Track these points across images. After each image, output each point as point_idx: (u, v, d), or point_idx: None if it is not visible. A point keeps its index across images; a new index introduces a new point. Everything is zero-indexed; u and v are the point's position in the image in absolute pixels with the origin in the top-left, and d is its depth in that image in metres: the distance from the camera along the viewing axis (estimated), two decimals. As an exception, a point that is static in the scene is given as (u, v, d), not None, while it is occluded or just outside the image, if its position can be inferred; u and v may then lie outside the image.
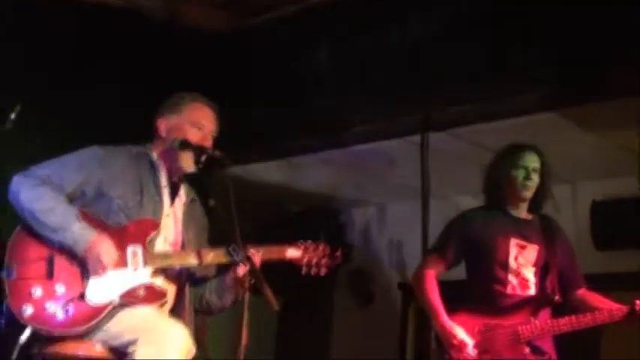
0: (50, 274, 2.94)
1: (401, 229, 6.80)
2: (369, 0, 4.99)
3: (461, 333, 3.62)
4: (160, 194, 3.17)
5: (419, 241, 6.51)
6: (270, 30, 5.43)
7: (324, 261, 3.20)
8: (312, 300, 6.71)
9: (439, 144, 5.06)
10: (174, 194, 3.24)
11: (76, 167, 3.07)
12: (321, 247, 3.21)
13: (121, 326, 2.93)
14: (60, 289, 2.92)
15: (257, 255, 3.06)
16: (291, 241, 3.21)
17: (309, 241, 3.21)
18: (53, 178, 3.00)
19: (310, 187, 6.56)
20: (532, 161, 3.78)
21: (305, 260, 3.19)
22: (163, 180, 3.20)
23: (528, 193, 3.78)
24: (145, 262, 3.03)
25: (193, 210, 3.32)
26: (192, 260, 3.08)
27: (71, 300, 2.91)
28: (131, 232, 3.06)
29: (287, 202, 6.90)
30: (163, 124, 3.24)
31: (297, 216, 6.84)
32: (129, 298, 2.98)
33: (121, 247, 3.02)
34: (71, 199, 3.03)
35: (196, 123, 3.21)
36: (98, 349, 2.98)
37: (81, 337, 2.96)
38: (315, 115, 5.30)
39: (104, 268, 2.93)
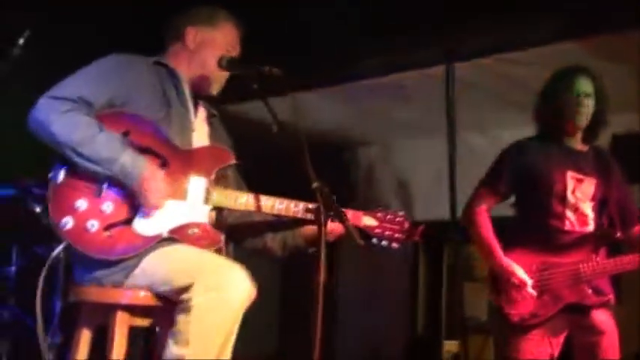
0: (99, 193, 2.61)
1: (406, 168, 6.57)
2: None
3: (520, 271, 3.38)
4: (185, 106, 2.84)
5: (426, 179, 6.37)
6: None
7: (398, 235, 2.84)
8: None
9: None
10: (195, 108, 2.91)
11: (102, 78, 2.70)
12: (398, 220, 2.85)
13: (171, 267, 2.59)
14: (107, 208, 2.60)
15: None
16: (369, 210, 2.86)
17: (389, 211, 2.86)
18: (85, 95, 2.62)
19: (313, 124, 6.24)
20: (585, 86, 3.49)
21: (378, 231, 2.83)
22: (186, 91, 2.86)
23: (583, 121, 3.50)
24: (206, 199, 2.71)
25: (217, 126, 3.01)
26: (249, 206, 2.75)
27: (117, 223, 2.59)
28: (198, 159, 2.74)
29: (288, 140, 6.55)
30: (193, 34, 2.90)
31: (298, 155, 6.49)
32: (180, 235, 2.66)
33: (183, 174, 2.70)
34: None
35: (230, 44, 2.92)
36: (142, 295, 2.64)
37: (121, 281, 2.63)
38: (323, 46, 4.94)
39: (155, 207, 2.61)
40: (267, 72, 2.68)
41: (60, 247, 2.62)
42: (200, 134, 2.88)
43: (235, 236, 2.92)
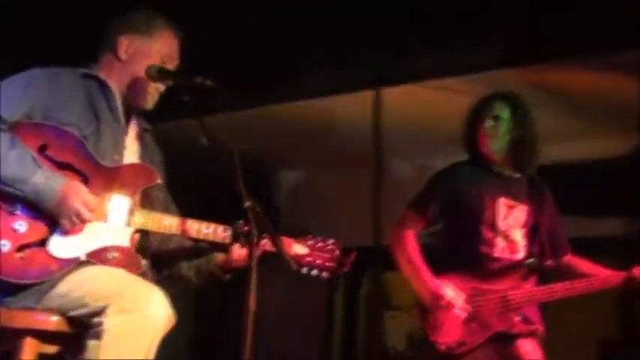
0: (13, 210, 2.39)
1: (330, 193, 6.48)
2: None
3: (449, 291, 3.30)
4: (117, 121, 2.64)
5: (348, 205, 6.28)
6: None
7: (329, 264, 2.70)
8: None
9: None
10: (127, 123, 2.71)
11: (18, 94, 2.50)
12: (329, 247, 2.71)
13: (87, 290, 2.39)
14: (20, 227, 2.38)
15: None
16: (299, 236, 2.72)
17: (320, 239, 2.72)
18: None
19: (238, 144, 6.10)
20: (499, 110, 3.45)
21: (309, 259, 2.68)
22: (119, 105, 2.66)
23: (496, 145, 3.44)
24: (129, 221, 2.52)
25: (148, 142, 2.80)
26: (173, 229, 2.58)
27: (31, 244, 2.38)
28: (122, 177, 2.54)
29: (210, 163, 6.39)
30: (126, 45, 2.68)
31: (219, 179, 6.31)
32: (99, 259, 2.46)
33: (105, 193, 2.50)
34: None
35: (167, 56, 2.70)
36: (54, 320, 2.43)
37: (32, 305, 2.41)
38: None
39: (75, 231, 2.42)
40: (200, 83, 2.52)
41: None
42: (131, 151, 2.69)
43: (153, 262, 2.73)
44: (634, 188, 4.72)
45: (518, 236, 3.43)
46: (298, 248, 2.68)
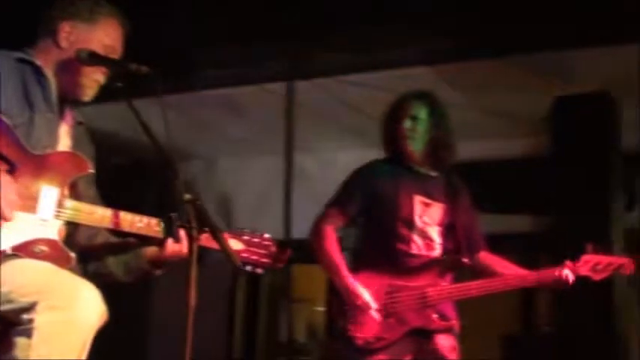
0: None
1: (230, 185, 6.42)
2: None
3: (365, 294, 3.33)
4: (52, 111, 2.49)
5: (250, 198, 6.24)
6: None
7: (264, 260, 2.64)
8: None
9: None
10: (61, 113, 2.57)
11: None
12: (265, 243, 2.65)
13: (10, 286, 2.25)
14: None
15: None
16: (233, 231, 2.64)
17: (255, 234, 2.66)
18: None
19: (135, 136, 5.94)
20: (417, 110, 3.51)
21: (245, 255, 2.61)
22: (53, 94, 2.51)
23: (416, 145, 3.50)
24: (58, 213, 2.39)
25: (81, 135, 2.66)
26: (105, 222, 2.46)
27: None
28: (52, 165, 2.39)
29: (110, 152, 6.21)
30: (67, 31, 2.53)
31: (119, 169, 6.13)
32: (25, 253, 2.33)
33: (33, 182, 2.35)
34: None
35: (110, 47, 2.57)
36: (-22, 316, 2.30)
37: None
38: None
39: (5, 219, 2.27)
40: (136, 69, 2.43)
41: None
42: (64, 144, 2.55)
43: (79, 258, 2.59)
44: (541, 187, 4.90)
45: (435, 234, 3.49)
46: (234, 244, 2.61)
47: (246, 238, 2.64)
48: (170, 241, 2.51)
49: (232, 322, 6.37)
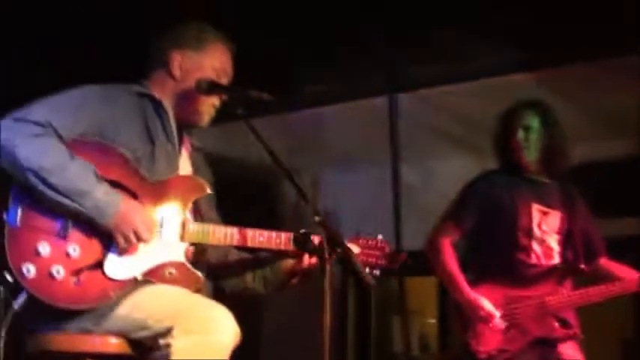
0: (64, 233, 2.33)
1: (336, 199, 6.45)
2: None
3: (487, 304, 3.31)
4: (172, 142, 2.56)
5: (354, 212, 6.26)
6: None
7: (380, 262, 2.65)
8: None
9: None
10: (179, 142, 2.64)
11: (73, 110, 2.41)
12: (380, 245, 2.67)
13: (148, 311, 2.35)
14: (74, 251, 2.32)
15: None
16: (349, 235, 2.67)
17: (369, 237, 2.68)
18: (54, 122, 2.34)
19: (242, 156, 6.06)
20: (530, 120, 3.48)
21: (362, 258, 2.62)
22: (173, 125, 2.58)
23: (531, 155, 3.47)
24: (182, 236, 2.47)
25: (199, 161, 2.74)
26: (231, 240, 2.51)
27: (85, 267, 2.32)
28: (171, 191, 2.46)
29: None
30: (178, 60, 2.59)
31: (225, 189, 6.23)
32: (156, 277, 2.41)
33: (155, 209, 2.43)
34: None
35: (221, 70, 2.62)
36: (113, 342, 2.39)
37: (90, 329, 2.37)
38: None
39: (131, 251, 2.37)
40: (256, 96, 2.48)
41: (22, 297, 2.33)
42: (185, 169, 2.63)
43: (213, 277, 2.68)
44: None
45: (553, 242, 3.45)
46: (351, 247, 2.61)
47: (361, 241, 2.67)
48: (306, 256, 2.57)
49: (344, 334, 6.40)
